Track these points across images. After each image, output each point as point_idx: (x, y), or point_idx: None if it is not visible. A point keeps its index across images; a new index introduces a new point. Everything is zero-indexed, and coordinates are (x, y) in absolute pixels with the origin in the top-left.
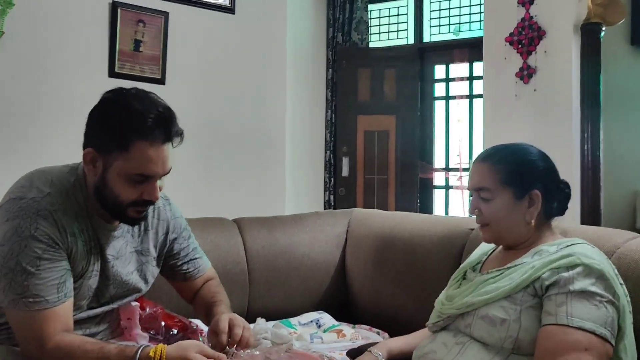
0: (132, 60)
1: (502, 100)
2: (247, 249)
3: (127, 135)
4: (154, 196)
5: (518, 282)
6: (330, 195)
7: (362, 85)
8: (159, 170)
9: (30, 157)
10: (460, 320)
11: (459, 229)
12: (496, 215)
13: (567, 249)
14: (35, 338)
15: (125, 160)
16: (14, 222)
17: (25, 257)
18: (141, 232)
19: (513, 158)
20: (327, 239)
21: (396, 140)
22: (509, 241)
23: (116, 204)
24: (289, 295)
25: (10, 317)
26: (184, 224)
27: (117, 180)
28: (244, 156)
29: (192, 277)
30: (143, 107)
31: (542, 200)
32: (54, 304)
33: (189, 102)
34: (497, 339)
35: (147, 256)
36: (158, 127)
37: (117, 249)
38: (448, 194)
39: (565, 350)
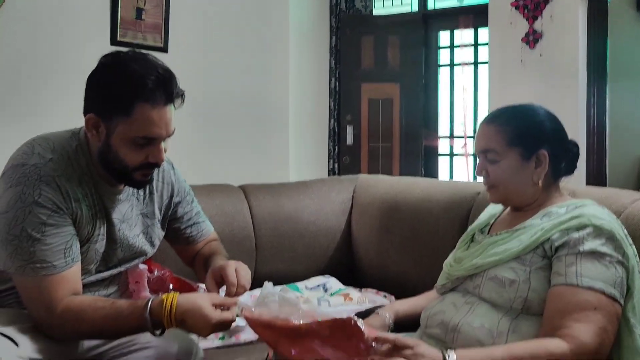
0: (134, 29)
1: (507, 66)
2: (253, 214)
3: (129, 99)
4: (160, 158)
5: (527, 244)
6: (334, 163)
7: (365, 53)
8: (163, 133)
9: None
10: (469, 282)
11: (465, 193)
12: (503, 177)
13: (577, 210)
14: (44, 303)
15: (128, 124)
16: (17, 189)
17: (30, 223)
18: (146, 195)
19: (520, 119)
20: (333, 205)
21: (400, 108)
22: (516, 202)
23: (122, 168)
24: (295, 260)
25: (19, 283)
26: (187, 188)
27: (121, 145)
28: (248, 124)
29: (194, 240)
30: (143, 70)
31: (549, 161)
32: (61, 268)
33: (192, 70)
34: (506, 300)
35: (153, 219)
36: (159, 89)
37: (122, 213)
38: (452, 162)
39: (575, 310)
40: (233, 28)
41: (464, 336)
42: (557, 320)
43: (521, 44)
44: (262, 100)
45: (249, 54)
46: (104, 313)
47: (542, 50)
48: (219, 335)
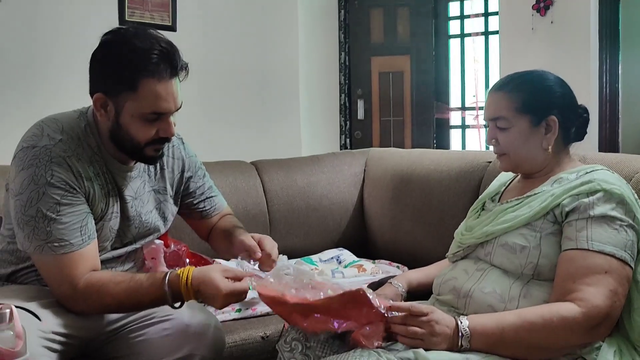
0: (142, 8)
1: (518, 35)
2: (266, 190)
3: (134, 75)
4: (170, 132)
5: (537, 210)
6: (346, 138)
7: (375, 25)
8: (171, 106)
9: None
10: (480, 249)
11: (476, 162)
12: (514, 144)
13: (587, 176)
14: (66, 279)
15: (135, 100)
16: (29, 171)
17: (44, 203)
18: (157, 171)
19: (529, 85)
20: (345, 179)
21: (411, 81)
22: (527, 169)
23: (134, 145)
24: (308, 234)
25: (38, 263)
26: (198, 163)
27: (131, 122)
28: (259, 101)
29: (208, 214)
30: (145, 45)
31: (559, 126)
32: (79, 246)
33: (201, 48)
34: (517, 266)
35: (165, 194)
36: (163, 63)
37: (134, 189)
38: (465, 134)
39: (586, 274)
40: (241, 5)
41: (476, 302)
42: (568, 285)
43: (532, 12)
44: (272, 76)
45: (257, 31)
46: (125, 286)
47: (553, 17)
48: (235, 307)
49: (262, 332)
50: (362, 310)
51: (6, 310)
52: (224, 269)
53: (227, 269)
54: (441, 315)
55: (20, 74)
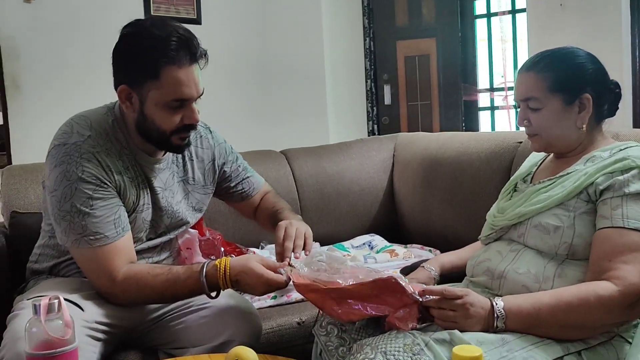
0: (167, 2)
1: (546, 12)
2: (296, 178)
3: (155, 63)
4: (194, 119)
5: (571, 190)
6: (373, 125)
7: (399, 9)
8: (193, 92)
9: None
10: (513, 231)
11: (506, 143)
12: (547, 124)
13: (621, 153)
14: (104, 272)
15: (158, 88)
16: (61, 168)
17: (78, 198)
18: (186, 161)
19: (560, 63)
20: (374, 164)
21: (438, 64)
22: (560, 148)
23: (160, 135)
24: (339, 221)
25: (77, 256)
26: (229, 148)
27: (155, 111)
28: (285, 90)
29: (248, 195)
30: (164, 33)
31: (592, 104)
32: (114, 238)
33: (227, 41)
34: (551, 246)
35: (193, 184)
36: (183, 49)
37: (164, 181)
38: (494, 115)
39: (622, 252)
40: None
41: (510, 282)
42: (604, 263)
43: None
44: (298, 65)
45: (281, 21)
46: (163, 279)
47: None
48: (271, 295)
49: (297, 318)
50: (395, 296)
51: (55, 301)
52: (261, 258)
53: (265, 259)
54: (476, 298)
55: (49, 73)
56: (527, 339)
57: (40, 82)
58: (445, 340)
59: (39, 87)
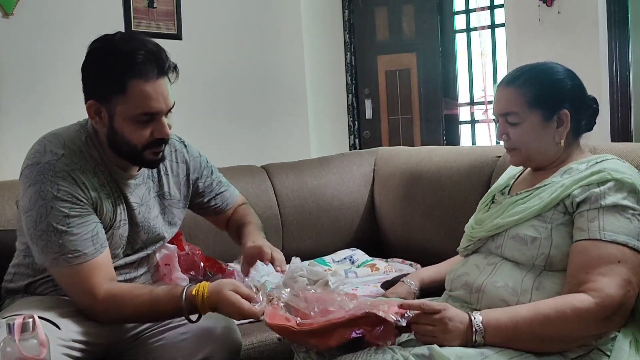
0: (147, 17)
1: (525, 27)
2: (277, 193)
3: (121, 77)
4: (164, 133)
5: (548, 201)
6: (355, 138)
7: (379, 24)
8: (162, 106)
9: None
10: (491, 242)
11: (485, 157)
12: (525, 139)
13: (598, 165)
14: (85, 290)
15: (125, 102)
16: (35, 187)
17: (54, 217)
18: (161, 176)
19: (539, 79)
20: (355, 179)
21: (418, 78)
22: (538, 163)
23: (131, 149)
24: (321, 235)
25: (56, 275)
26: (204, 162)
27: (125, 126)
28: (266, 105)
29: (222, 210)
30: (130, 47)
31: (570, 119)
32: (92, 255)
33: (207, 55)
34: (529, 257)
35: (170, 199)
36: (149, 63)
37: (140, 196)
38: (474, 129)
39: (599, 264)
40: (244, 9)
41: (488, 296)
42: (581, 275)
43: (538, 3)
44: (278, 80)
45: (262, 35)
46: (143, 299)
47: (560, 7)
48: None
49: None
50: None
51: (29, 320)
52: (236, 287)
53: (238, 287)
54: (454, 312)
55: (27, 88)
56: (506, 353)
57: (18, 98)
58: (424, 356)
59: (16, 103)
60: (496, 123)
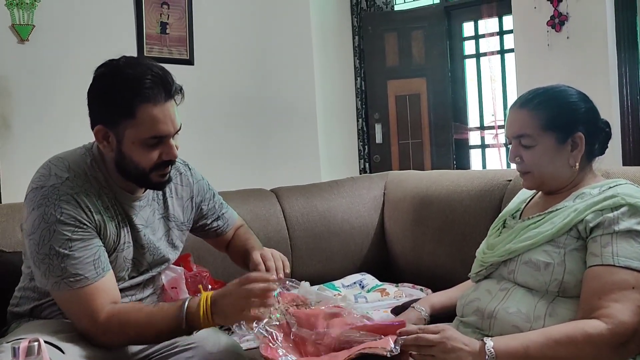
0: (160, 43)
1: (534, 52)
2: (287, 217)
3: (130, 102)
4: (172, 154)
5: (560, 226)
6: (365, 163)
7: (389, 49)
8: (170, 129)
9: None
10: (503, 268)
11: (495, 181)
12: (539, 162)
13: (611, 190)
14: (85, 313)
15: (134, 127)
16: (39, 211)
17: (56, 241)
18: (166, 198)
19: (553, 102)
20: (365, 203)
21: (428, 103)
22: (552, 186)
23: (139, 172)
24: (330, 259)
25: (58, 299)
26: (206, 186)
27: (133, 149)
28: (277, 129)
29: (223, 231)
30: (137, 72)
31: (584, 143)
32: (94, 279)
33: (219, 80)
34: (542, 283)
35: (173, 222)
36: (157, 87)
37: (145, 218)
38: (485, 153)
39: (612, 290)
40: (256, 35)
41: (501, 322)
42: (594, 301)
43: (547, 28)
44: (289, 104)
45: (273, 60)
46: (146, 311)
47: (569, 33)
48: None
49: None
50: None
51: (34, 343)
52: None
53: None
54: (454, 332)
55: (40, 113)
56: None
57: (32, 121)
58: None
59: (30, 126)
60: (508, 146)
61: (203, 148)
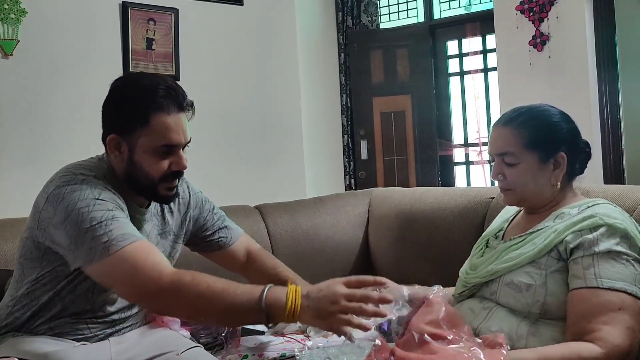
0: (146, 59)
1: (516, 71)
2: (271, 234)
3: (145, 110)
4: (182, 165)
5: (541, 247)
6: (350, 179)
7: (375, 67)
8: (181, 139)
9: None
10: (486, 288)
11: (479, 198)
12: (522, 180)
13: (589, 210)
14: (144, 269)
15: (147, 134)
16: (72, 196)
17: (97, 212)
18: (165, 213)
19: (537, 121)
20: (349, 220)
21: (413, 120)
22: (533, 204)
23: (148, 182)
24: (314, 276)
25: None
26: (204, 198)
27: (144, 158)
28: (263, 145)
29: (226, 244)
30: (153, 83)
31: (567, 162)
32: (141, 237)
33: (205, 96)
34: (524, 305)
35: (168, 237)
36: (171, 97)
37: (147, 233)
38: (469, 170)
39: (599, 312)
40: (242, 52)
41: None
42: (583, 324)
43: (529, 47)
44: (275, 121)
45: (259, 77)
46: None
47: (551, 52)
48: (242, 354)
49: None
50: None
51: None
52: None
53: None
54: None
55: (26, 129)
56: None
57: (18, 138)
58: None
59: (15, 142)
60: (491, 163)
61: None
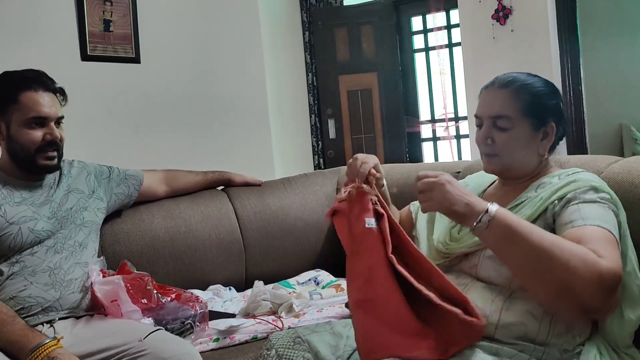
0: (104, 41)
1: (480, 46)
2: (239, 216)
3: (14, 91)
4: (54, 135)
5: (529, 214)
6: (319, 159)
7: (340, 45)
8: (50, 112)
9: None
10: (465, 262)
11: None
12: (511, 146)
13: (572, 176)
14: None
15: (19, 110)
16: None
17: None
18: (59, 187)
19: (534, 88)
20: (318, 199)
21: (380, 97)
22: (516, 173)
23: (26, 154)
24: (284, 257)
25: None
26: (97, 166)
27: (19, 131)
28: (229, 127)
29: (141, 182)
30: (22, 71)
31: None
32: None
33: (168, 79)
34: (505, 278)
35: (63, 204)
36: (37, 80)
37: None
38: (437, 146)
39: (592, 240)
40: (204, 32)
41: None
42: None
43: (492, 21)
44: (240, 102)
45: (222, 57)
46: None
47: (513, 26)
48: (213, 337)
49: None
50: None
51: None
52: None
53: None
54: (454, 179)
55: None
56: None
57: None
58: None
59: None
60: (478, 126)
61: (151, 147)
